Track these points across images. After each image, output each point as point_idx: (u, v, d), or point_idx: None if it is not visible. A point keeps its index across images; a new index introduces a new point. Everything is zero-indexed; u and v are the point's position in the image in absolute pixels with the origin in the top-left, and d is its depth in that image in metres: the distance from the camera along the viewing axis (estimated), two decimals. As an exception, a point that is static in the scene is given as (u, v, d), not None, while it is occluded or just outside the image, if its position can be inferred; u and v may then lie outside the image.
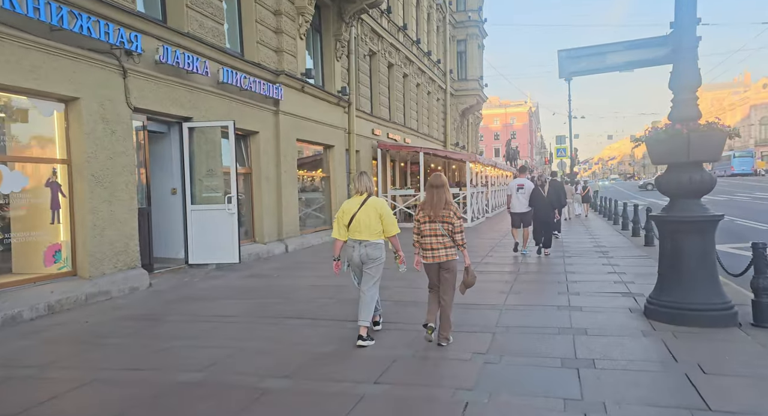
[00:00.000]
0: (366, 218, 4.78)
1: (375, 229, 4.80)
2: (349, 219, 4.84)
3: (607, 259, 9.48)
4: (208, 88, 9.21)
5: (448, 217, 4.61)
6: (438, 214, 4.63)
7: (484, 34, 34.72)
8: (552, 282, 7.56)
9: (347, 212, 4.87)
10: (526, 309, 5.93)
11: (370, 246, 4.81)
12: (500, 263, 9.42)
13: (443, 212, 4.62)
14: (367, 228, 4.78)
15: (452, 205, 4.68)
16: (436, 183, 4.71)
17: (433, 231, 4.66)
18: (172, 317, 5.92)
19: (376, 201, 4.87)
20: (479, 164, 19.89)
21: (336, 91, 14.59)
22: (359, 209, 4.80)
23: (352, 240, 4.86)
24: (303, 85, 12.49)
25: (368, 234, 4.79)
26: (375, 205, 4.82)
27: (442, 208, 4.62)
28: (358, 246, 4.82)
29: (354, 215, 4.81)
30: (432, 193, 4.70)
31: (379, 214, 4.80)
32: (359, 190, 4.90)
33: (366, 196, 4.87)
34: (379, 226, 4.82)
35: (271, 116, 11.47)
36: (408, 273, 5.35)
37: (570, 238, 13.15)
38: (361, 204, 4.82)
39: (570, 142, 35.52)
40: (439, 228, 4.63)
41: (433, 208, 4.65)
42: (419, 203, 5.23)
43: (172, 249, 8.88)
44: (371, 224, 4.78)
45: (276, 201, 11.63)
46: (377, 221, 4.80)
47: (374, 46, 18.89)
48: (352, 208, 4.85)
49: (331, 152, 14.82)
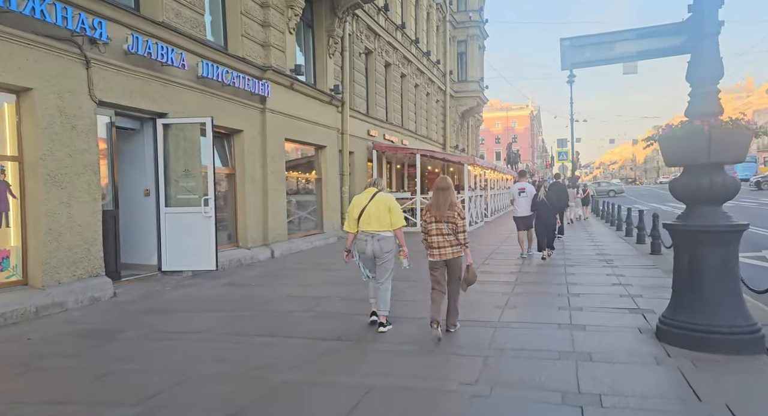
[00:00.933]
0: (376, 210, 5.12)
1: (384, 221, 5.12)
2: (359, 212, 5.16)
3: (612, 269, 8.85)
4: (186, 82, 8.61)
5: (452, 218, 4.94)
6: (443, 215, 4.95)
7: (485, 35, 34.15)
8: (552, 294, 6.93)
9: (357, 206, 5.21)
10: (523, 328, 5.30)
11: (383, 240, 5.13)
12: (497, 272, 8.79)
13: (448, 213, 4.94)
14: (377, 220, 5.11)
15: (456, 206, 5.00)
16: (442, 185, 5.05)
17: (439, 231, 4.97)
18: (129, 333, 5.30)
19: (385, 195, 5.25)
20: (478, 167, 19.27)
21: (328, 89, 13.99)
22: (369, 202, 5.16)
23: (364, 233, 5.17)
24: (292, 82, 11.89)
25: (378, 225, 5.12)
26: (384, 199, 5.19)
27: (447, 208, 4.95)
28: (371, 240, 5.14)
29: (364, 208, 5.15)
30: (438, 195, 5.03)
31: (388, 207, 5.15)
32: (369, 184, 5.38)
33: (375, 190, 5.25)
34: (388, 218, 5.13)
35: (257, 114, 10.87)
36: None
37: (572, 244, 12.52)
38: (371, 197, 5.19)
39: (572, 146, 34.92)
40: (445, 228, 4.95)
41: (439, 208, 4.97)
42: (426, 204, 5.50)
43: (144, 254, 8.27)
44: (381, 216, 5.11)
45: (262, 203, 11.01)
46: (386, 213, 5.13)
47: (370, 44, 18.30)
48: (363, 201, 5.21)
49: (323, 153, 14.21)
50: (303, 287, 7.67)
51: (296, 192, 13.54)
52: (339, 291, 7.25)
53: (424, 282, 7.61)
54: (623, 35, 5.33)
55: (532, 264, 9.68)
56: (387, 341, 4.93)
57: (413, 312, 5.92)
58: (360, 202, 5.22)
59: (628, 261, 9.78)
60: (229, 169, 10.42)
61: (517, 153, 57.49)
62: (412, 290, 7.21)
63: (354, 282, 7.93)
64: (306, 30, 13.62)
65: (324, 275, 8.79)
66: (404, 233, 5.35)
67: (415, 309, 6.01)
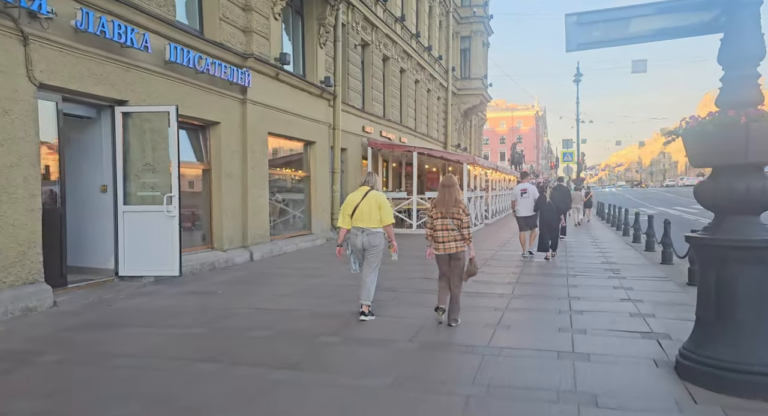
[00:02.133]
0: (368, 208, 5.46)
1: (375, 218, 5.48)
2: (352, 209, 5.52)
3: (619, 280, 8.00)
4: (152, 67, 7.80)
5: (457, 214, 5.22)
6: (449, 211, 5.23)
7: (489, 31, 33.24)
8: (552, 311, 6.09)
9: (351, 203, 5.57)
10: (516, 355, 4.47)
11: (372, 235, 5.50)
12: (493, 282, 7.96)
13: (453, 209, 5.23)
14: (368, 217, 5.46)
15: (461, 203, 5.29)
16: (448, 183, 5.33)
17: (444, 226, 5.25)
18: (49, 356, 4.48)
19: (377, 194, 5.56)
20: (478, 166, 18.41)
21: (318, 81, 13.16)
22: (361, 200, 5.50)
23: (356, 229, 5.53)
24: (277, 71, 11.07)
25: (369, 222, 5.47)
26: (375, 197, 5.52)
27: (452, 205, 5.23)
28: (361, 234, 5.50)
29: (357, 205, 5.50)
30: (444, 192, 5.30)
31: (379, 205, 5.50)
32: (362, 182, 5.68)
33: (368, 189, 5.57)
34: (378, 215, 5.48)
35: (236, 105, 10.05)
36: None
37: (575, 251, 11.67)
38: (363, 195, 5.52)
39: (577, 147, 34.04)
40: (450, 224, 5.23)
41: (445, 205, 5.25)
42: (432, 201, 5.72)
43: (100, 258, 7.46)
44: (372, 213, 5.46)
45: (240, 202, 10.20)
46: (377, 211, 5.47)
47: (367, 37, 17.46)
48: (356, 199, 5.55)
49: (312, 149, 13.39)
50: (273, 297, 6.85)
51: (282, 190, 12.73)
52: (312, 304, 6.43)
53: (407, 293, 6.84)
54: (641, 10, 4.46)
55: (532, 272, 8.85)
56: (351, 371, 4.10)
57: (391, 332, 5.10)
58: (353, 200, 5.57)
59: (636, 271, 8.92)
60: (204, 164, 9.61)
61: (521, 153, 56.59)
62: (397, 304, 6.38)
63: (331, 292, 7.12)
64: (295, 17, 12.79)
65: (301, 283, 7.97)
66: (401, 235, 5.52)
67: (395, 330, 5.20)
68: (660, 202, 36.79)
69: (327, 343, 4.81)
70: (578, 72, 33.66)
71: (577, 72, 33.68)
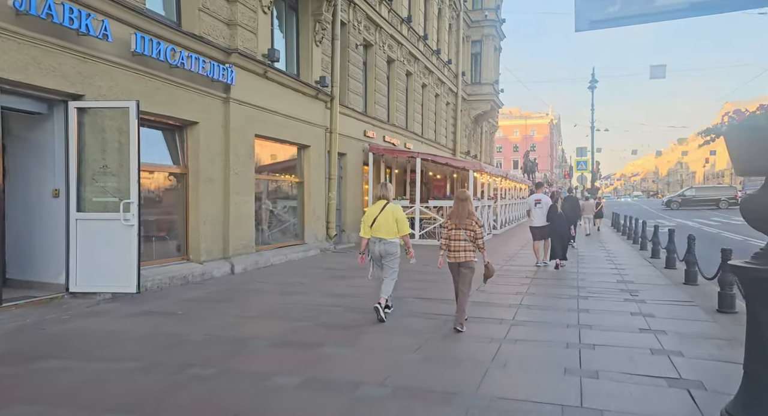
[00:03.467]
0: (385, 220, 5.92)
1: (392, 229, 5.94)
2: (372, 221, 5.96)
3: (637, 304, 7.02)
4: (114, 58, 7.04)
5: (470, 225, 5.63)
6: (462, 222, 5.65)
7: (501, 35, 32.36)
8: (558, 343, 5.15)
9: (370, 216, 6.01)
10: (510, 410, 3.55)
11: (388, 244, 5.95)
12: (493, 303, 7.03)
13: (466, 221, 5.64)
14: (385, 229, 5.92)
15: (474, 216, 5.72)
16: (462, 197, 5.85)
17: (457, 237, 5.65)
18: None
19: (394, 207, 6.03)
20: (486, 174, 17.45)
21: (314, 81, 12.36)
22: (380, 213, 5.95)
23: (374, 238, 5.99)
24: (266, 69, 10.28)
25: (386, 233, 5.93)
26: (392, 210, 5.99)
27: (465, 217, 5.66)
28: (378, 243, 5.97)
29: (376, 218, 5.95)
30: (458, 205, 5.78)
31: (395, 218, 5.96)
32: (379, 196, 6.13)
33: (385, 202, 6.02)
34: (395, 227, 5.95)
35: (218, 104, 9.26)
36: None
37: (588, 266, 10.67)
38: (381, 209, 5.98)
39: (592, 155, 32.94)
40: (462, 234, 5.63)
41: (459, 217, 5.69)
42: (448, 213, 6.47)
43: (51, 271, 6.67)
44: (389, 225, 5.92)
45: (222, 209, 9.39)
46: (393, 223, 5.94)
47: (370, 37, 16.67)
48: (374, 212, 6.00)
49: (306, 153, 12.57)
50: (237, 320, 5.98)
51: (271, 197, 11.92)
52: (279, 329, 5.56)
53: (393, 317, 5.94)
54: (671, -22, 3.57)
55: (538, 292, 7.90)
56: None
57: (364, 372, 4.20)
58: (372, 213, 6.03)
59: (657, 293, 7.92)
60: (180, 167, 8.82)
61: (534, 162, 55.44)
62: (377, 331, 5.48)
63: (307, 313, 6.26)
64: (288, 12, 12.02)
65: (277, 301, 7.11)
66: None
67: (369, 368, 4.30)
68: (678, 213, 35.45)
69: (280, 388, 3.91)
70: (593, 78, 32.62)
71: (593, 78, 32.64)
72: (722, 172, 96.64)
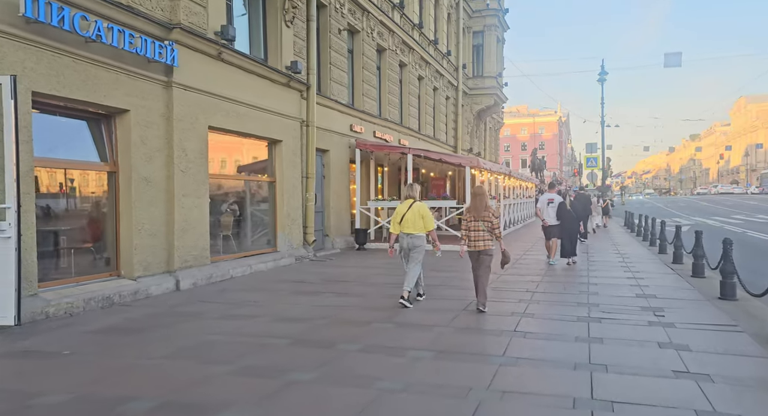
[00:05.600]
0: (412, 217, 6.68)
1: (419, 225, 6.69)
2: (400, 218, 6.73)
3: (665, 330, 5.48)
4: (3, 27, 5.61)
5: (487, 217, 6.39)
6: (480, 215, 6.41)
7: (504, 26, 30.75)
8: (561, 398, 3.62)
9: (399, 213, 6.77)
10: None
11: (415, 238, 6.72)
12: (483, 331, 5.52)
13: (483, 213, 6.41)
14: (412, 224, 6.69)
15: (490, 208, 6.53)
16: (478, 192, 6.65)
17: (476, 228, 6.40)
18: None
19: (420, 205, 6.78)
20: (486, 171, 15.88)
21: (284, 66, 10.91)
22: (407, 210, 6.71)
23: (403, 233, 6.76)
24: (221, 50, 8.83)
25: (413, 228, 6.70)
26: (418, 208, 6.72)
27: (483, 210, 6.42)
28: (407, 237, 6.74)
29: (404, 215, 6.70)
30: (476, 200, 6.57)
31: (422, 215, 6.69)
32: (406, 195, 6.92)
33: (412, 201, 6.78)
34: (422, 223, 6.69)
35: (157, 90, 7.83)
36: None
37: (600, 275, 9.09)
38: (408, 207, 6.73)
39: (602, 150, 31.28)
40: (481, 225, 6.38)
41: (477, 210, 6.46)
42: (466, 207, 7.50)
43: None
44: (416, 221, 6.68)
45: (164, 214, 7.95)
46: (420, 220, 6.68)
47: (357, 22, 15.20)
48: (403, 210, 6.76)
49: (278, 149, 11.12)
50: (136, 363, 4.51)
51: (237, 199, 10.48)
52: (172, 385, 4.08)
53: (350, 352, 4.41)
54: None
55: (539, 313, 6.36)
56: None
57: None
58: (401, 211, 6.74)
59: (687, 312, 6.36)
60: (108, 164, 7.38)
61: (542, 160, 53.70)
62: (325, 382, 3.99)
63: (239, 348, 4.81)
64: (252, -13, 10.59)
65: (208, 330, 5.64)
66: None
67: None
68: (695, 211, 33.60)
69: None
70: (603, 70, 30.96)
71: (602, 70, 30.99)
72: (737, 168, 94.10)
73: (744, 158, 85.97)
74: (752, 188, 71.06)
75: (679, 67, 23.08)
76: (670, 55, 22.75)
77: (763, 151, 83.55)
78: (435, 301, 7.02)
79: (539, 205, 11.21)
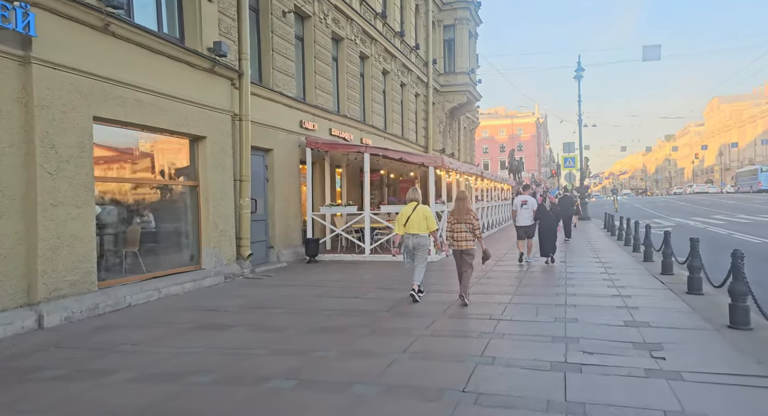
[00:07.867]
0: (417, 219, 7.22)
1: (422, 226, 7.23)
2: (405, 219, 7.24)
3: (670, 386, 3.89)
4: None
5: (469, 220, 7.06)
6: (462, 218, 7.08)
7: (477, 20, 29.37)
8: None
9: (404, 215, 7.28)
10: None
11: (420, 238, 7.28)
12: (432, 372, 3.86)
13: (466, 216, 7.08)
14: (417, 226, 7.22)
15: (472, 212, 7.17)
16: (461, 196, 7.32)
17: (459, 229, 7.08)
18: None
19: (423, 208, 7.30)
20: (453, 172, 14.28)
21: (205, 48, 9.16)
22: (412, 212, 7.23)
23: (408, 234, 7.28)
24: (106, 20, 7.06)
25: (418, 229, 7.23)
26: (422, 211, 7.26)
27: (465, 213, 7.10)
28: (412, 238, 7.27)
29: (409, 217, 7.23)
30: (458, 204, 7.22)
31: (425, 216, 7.23)
32: (410, 198, 7.43)
33: (416, 204, 7.32)
34: (425, 224, 7.23)
35: (8, 66, 6.04)
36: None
37: (580, 291, 7.49)
38: (413, 209, 7.25)
39: (580, 150, 30.02)
40: (463, 227, 7.06)
41: (459, 213, 7.12)
42: (450, 211, 7.55)
43: None
44: (420, 223, 7.22)
45: (21, 229, 6.15)
46: (424, 221, 7.23)
47: (306, 6, 13.52)
48: (408, 212, 7.27)
49: (202, 147, 9.36)
50: None
51: (146, 206, 8.68)
52: None
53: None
54: None
55: (505, 359, 4.71)
56: None
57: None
58: (406, 213, 7.27)
59: (694, 352, 4.78)
60: (-67, 165, 5.57)
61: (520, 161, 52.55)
62: None
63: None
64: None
65: (23, 403, 3.88)
66: (348, 263, 8.45)
67: None
68: (674, 211, 32.57)
69: None
70: (579, 66, 29.74)
71: (579, 66, 29.76)
72: (711, 168, 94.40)
73: (718, 158, 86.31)
74: (727, 187, 71.07)
75: (659, 60, 21.88)
76: (649, 47, 21.57)
77: (737, 150, 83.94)
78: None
79: (513, 207, 11.57)
